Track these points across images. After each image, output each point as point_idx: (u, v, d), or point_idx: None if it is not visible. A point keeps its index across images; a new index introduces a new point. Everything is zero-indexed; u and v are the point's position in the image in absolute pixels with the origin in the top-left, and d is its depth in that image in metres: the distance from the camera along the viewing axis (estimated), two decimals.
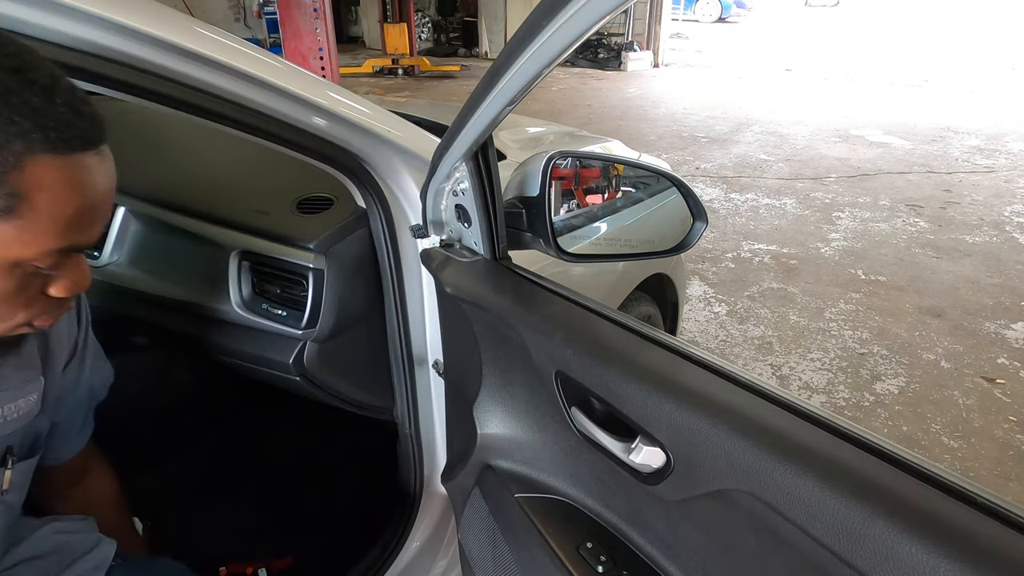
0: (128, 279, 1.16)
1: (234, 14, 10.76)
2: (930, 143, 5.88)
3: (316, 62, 6.21)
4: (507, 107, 0.64)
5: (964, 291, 3.15)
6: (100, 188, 0.57)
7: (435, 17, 11.86)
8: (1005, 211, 4.24)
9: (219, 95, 0.74)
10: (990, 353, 2.63)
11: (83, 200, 0.55)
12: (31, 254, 0.54)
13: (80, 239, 0.57)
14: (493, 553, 0.82)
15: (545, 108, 7.16)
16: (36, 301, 0.60)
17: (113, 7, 0.63)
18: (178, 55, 0.68)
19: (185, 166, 1.29)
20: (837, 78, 9.34)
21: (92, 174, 0.55)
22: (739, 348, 2.67)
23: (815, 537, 0.46)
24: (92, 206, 0.56)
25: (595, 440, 0.67)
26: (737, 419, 0.53)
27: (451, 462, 1.00)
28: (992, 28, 13.93)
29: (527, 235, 0.87)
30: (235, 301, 1.03)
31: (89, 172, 0.55)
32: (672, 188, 1.06)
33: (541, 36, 0.52)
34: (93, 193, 0.56)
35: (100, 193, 0.57)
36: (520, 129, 1.82)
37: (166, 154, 1.36)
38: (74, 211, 0.54)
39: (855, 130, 6.31)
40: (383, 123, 0.91)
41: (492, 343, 0.82)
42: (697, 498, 0.57)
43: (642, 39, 10.45)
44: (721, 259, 3.49)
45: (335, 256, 0.97)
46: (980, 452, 2.09)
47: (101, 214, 0.58)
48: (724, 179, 4.84)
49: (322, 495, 1.50)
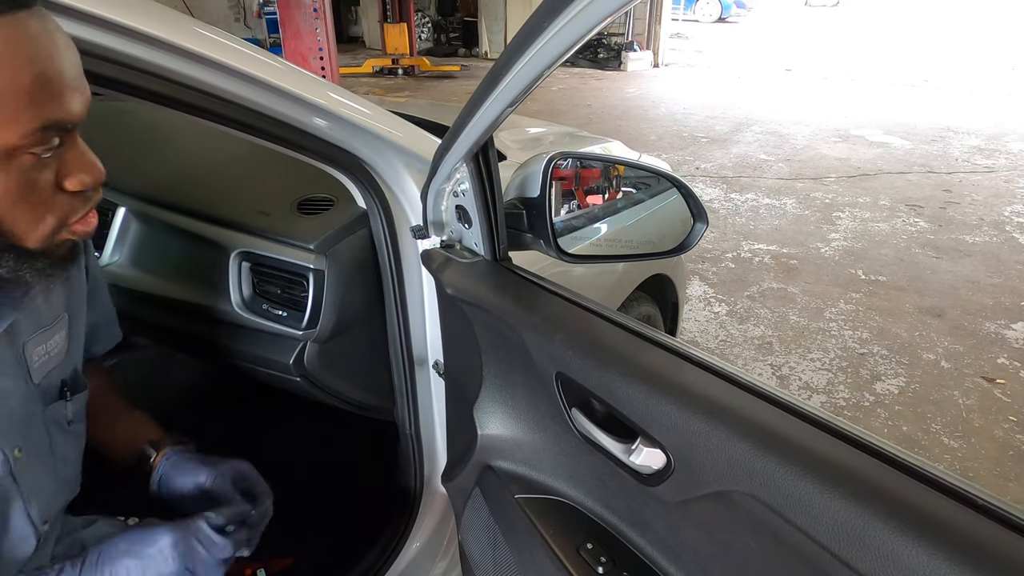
0: (128, 279, 1.16)
1: (234, 14, 10.76)
2: (930, 143, 5.88)
3: (316, 62, 6.21)
4: (508, 108, 0.64)
5: (964, 291, 3.15)
6: (51, 52, 0.52)
7: (435, 17, 11.86)
8: (1005, 211, 4.24)
9: (219, 95, 0.74)
10: (990, 353, 2.63)
11: (35, 66, 0.51)
12: (11, 138, 0.51)
13: (57, 112, 0.53)
14: (493, 554, 0.82)
15: (545, 108, 7.16)
16: (56, 199, 0.57)
17: (113, 7, 0.63)
18: (178, 55, 0.68)
19: (185, 166, 1.29)
20: (837, 78, 9.34)
21: (35, 37, 0.51)
22: (739, 348, 2.67)
23: (815, 539, 0.46)
24: (49, 73, 0.52)
25: (595, 441, 0.67)
26: (738, 420, 0.53)
27: (451, 463, 1.00)
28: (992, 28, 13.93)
29: (528, 236, 0.87)
30: (235, 301, 1.03)
31: (29, 34, 0.51)
32: (672, 189, 1.06)
33: (542, 38, 0.52)
34: (45, 58, 0.52)
35: (55, 58, 0.53)
36: (520, 129, 1.82)
37: (166, 154, 1.36)
38: (30, 79, 0.51)
39: (855, 130, 6.31)
40: (383, 124, 0.91)
41: (492, 344, 0.82)
42: (697, 499, 0.57)
43: (642, 39, 10.45)
44: (721, 259, 3.49)
45: (335, 257, 0.97)
46: (980, 452, 2.09)
47: (68, 83, 0.54)
48: (724, 179, 4.84)
49: (322, 495, 1.50)
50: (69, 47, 0.55)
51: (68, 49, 0.54)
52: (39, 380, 0.71)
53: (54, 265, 0.60)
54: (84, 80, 0.56)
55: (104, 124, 1.53)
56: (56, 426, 0.75)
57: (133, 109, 1.57)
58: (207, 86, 0.72)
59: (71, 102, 0.54)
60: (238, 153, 1.30)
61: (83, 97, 0.56)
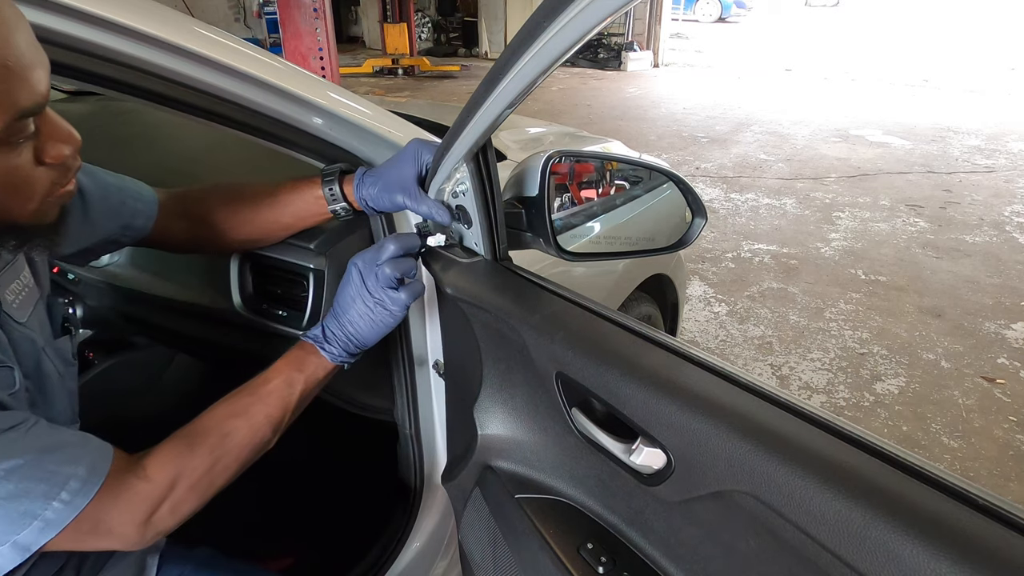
0: (128, 279, 1.16)
1: (234, 14, 10.76)
2: (930, 143, 5.88)
3: (316, 62, 6.20)
4: (507, 109, 0.64)
5: (964, 291, 3.15)
6: (7, 38, 0.49)
7: (435, 17, 11.87)
8: (1005, 211, 4.24)
9: (219, 95, 0.74)
10: (990, 353, 2.63)
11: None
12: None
13: (25, 100, 0.51)
14: (493, 554, 0.82)
15: (545, 108, 7.16)
16: (38, 174, 0.57)
17: (113, 7, 0.63)
18: (178, 55, 0.68)
19: (185, 166, 1.29)
20: (837, 78, 9.34)
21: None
22: (739, 348, 2.67)
23: (816, 539, 0.46)
24: (10, 63, 0.49)
25: (596, 441, 0.67)
26: (738, 420, 0.53)
27: (451, 462, 1.00)
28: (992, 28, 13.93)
29: (527, 235, 0.87)
30: (236, 301, 1.03)
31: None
32: (670, 183, 1.06)
33: (542, 38, 0.52)
34: (3, 48, 0.49)
35: (12, 44, 0.49)
36: (520, 130, 1.82)
37: (167, 154, 1.36)
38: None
39: (855, 130, 6.31)
40: (383, 123, 0.91)
41: (492, 344, 0.82)
42: (698, 499, 0.57)
43: (642, 39, 10.45)
44: (721, 259, 3.49)
45: (336, 256, 0.97)
46: (980, 452, 2.09)
47: (29, 64, 0.51)
48: (724, 179, 4.84)
49: (322, 495, 1.50)
50: (19, 21, 0.51)
51: (19, 26, 0.51)
52: (24, 319, 0.68)
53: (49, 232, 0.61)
54: (41, 51, 0.53)
55: (104, 124, 1.53)
56: (61, 361, 0.74)
57: (133, 109, 1.57)
58: (207, 86, 0.72)
59: (37, 83, 0.52)
60: (238, 153, 1.30)
61: (45, 71, 0.54)
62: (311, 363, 0.78)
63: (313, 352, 0.78)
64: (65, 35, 0.61)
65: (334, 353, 0.78)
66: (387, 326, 0.79)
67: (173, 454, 0.66)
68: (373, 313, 0.77)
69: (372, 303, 0.77)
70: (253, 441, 0.72)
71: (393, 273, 0.76)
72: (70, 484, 0.57)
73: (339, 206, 0.88)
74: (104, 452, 0.62)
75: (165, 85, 0.69)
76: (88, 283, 1.23)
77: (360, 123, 0.87)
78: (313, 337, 0.79)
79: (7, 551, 0.55)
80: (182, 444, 0.68)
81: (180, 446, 0.67)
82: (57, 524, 0.56)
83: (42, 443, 0.57)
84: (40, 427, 0.59)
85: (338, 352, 0.78)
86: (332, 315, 0.79)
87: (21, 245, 0.60)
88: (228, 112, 0.76)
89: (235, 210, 0.90)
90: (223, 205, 0.91)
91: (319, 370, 0.78)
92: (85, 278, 1.23)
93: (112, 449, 0.63)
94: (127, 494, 0.62)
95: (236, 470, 0.71)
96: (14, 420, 0.56)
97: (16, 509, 0.54)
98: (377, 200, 0.85)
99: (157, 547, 0.89)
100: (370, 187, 0.85)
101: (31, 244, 0.61)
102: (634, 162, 1.47)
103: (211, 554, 0.94)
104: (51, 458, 0.57)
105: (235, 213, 0.90)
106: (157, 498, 0.64)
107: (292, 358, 0.78)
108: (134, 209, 0.86)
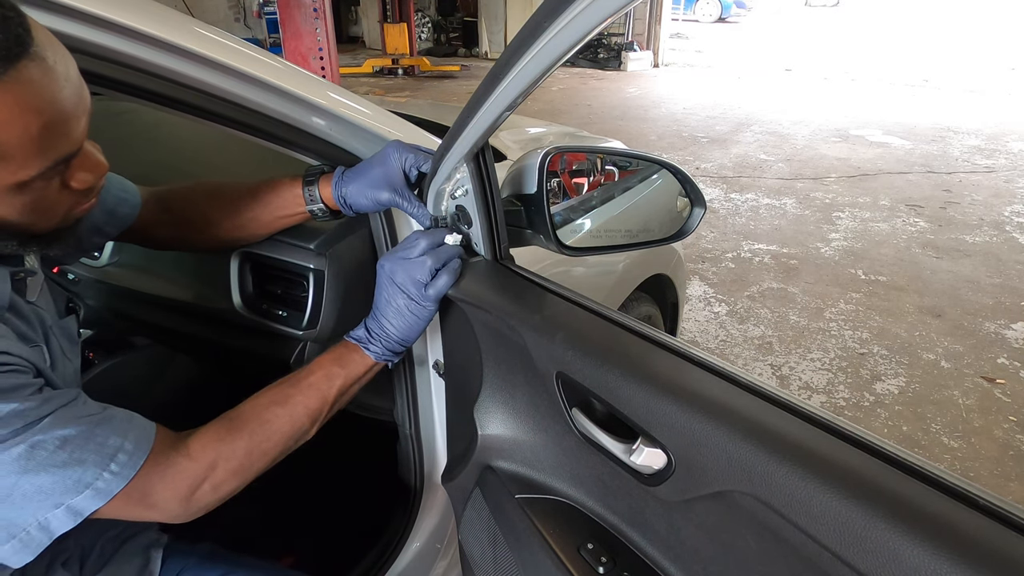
0: (128, 279, 1.16)
1: (234, 14, 10.76)
2: (930, 143, 5.88)
3: (316, 62, 6.20)
4: (507, 110, 0.64)
5: (964, 291, 3.15)
6: (55, 95, 0.51)
7: (435, 17, 11.86)
8: (1005, 211, 4.24)
9: (219, 95, 0.74)
10: (990, 353, 2.63)
11: (43, 117, 0.51)
12: (24, 177, 0.53)
13: (65, 149, 0.55)
14: (494, 554, 0.82)
15: (545, 108, 7.16)
16: (63, 196, 0.60)
17: (113, 7, 0.63)
18: (178, 55, 0.68)
19: (185, 166, 1.29)
20: (837, 78, 9.34)
21: (38, 86, 0.50)
22: (739, 348, 2.67)
23: (817, 539, 0.46)
24: (56, 117, 0.52)
25: (596, 441, 0.67)
26: (738, 421, 0.53)
27: (451, 462, 1.00)
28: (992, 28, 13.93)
29: (527, 232, 0.87)
30: (236, 301, 1.03)
31: (33, 85, 0.50)
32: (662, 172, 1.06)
33: (542, 38, 0.52)
34: (50, 104, 0.51)
35: (59, 100, 0.52)
36: (521, 130, 1.82)
37: (167, 154, 1.36)
38: (38, 129, 0.51)
39: (855, 130, 6.31)
40: (383, 123, 0.91)
41: (493, 344, 0.82)
42: (698, 499, 0.57)
43: (642, 39, 10.45)
44: (721, 259, 3.49)
45: (335, 256, 0.97)
46: (980, 452, 2.09)
47: (71, 116, 0.54)
48: (724, 179, 4.84)
49: (322, 495, 1.50)
50: (68, 74, 0.54)
51: (67, 79, 0.54)
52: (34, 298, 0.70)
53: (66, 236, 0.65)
54: (85, 95, 0.56)
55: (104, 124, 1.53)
56: (67, 339, 0.76)
57: (133, 109, 1.57)
58: (207, 86, 0.72)
59: (75, 131, 0.56)
60: (238, 153, 1.30)
61: (86, 116, 0.57)
62: (352, 360, 0.80)
63: (356, 350, 0.81)
64: (65, 36, 0.60)
65: (377, 352, 0.81)
66: (424, 319, 0.81)
67: (215, 436, 0.69)
68: (409, 309, 0.80)
69: (404, 300, 0.79)
70: (292, 430, 0.75)
71: (434, 264, 0.79)
72: (118, 456, 0.60)
73: (316, 207, 0.89)
74: (148, 428, 0.65)
75: (165, 85, 0.69)
76: (88, 283, 1.23)
77: (360, 123, 0.87)
78: (356, 337, 0.82)
79: (62, 514, 0.58)
80: (224, 427, 0.71)
81: (222, 429, 0.71)
82: (107, 493, 0.59)
83: (94, 417, 0.61)
84: (90, 403, 0.63)
85: (380, 351, 0.81)
86: (372, 316, 0.82)
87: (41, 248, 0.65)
88: (228, 112, 0.76)
89: (216, 207, 0.92)
90: (204, 202, 0.92)
91: (359, 367, 0.80)
92: (85, 278, 1.22)
93: (155, 426, 0.66)
94: (171, 470, 0.65)
95: (275, 456, 0.74)
96: (69, 396, 0.60)
97: (71, 476, 0.58)
98: (355, 197, 0.86)
99: (160, 542, 0.91)
100: (349, 184, 0.86)
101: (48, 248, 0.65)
102: (629, 154, 1.47)
103: (213, 549, 0.95)
104: (101, 430, 0.60)
105: (216, 210, 0.91)
106: (199, 476, 0.66)
107: (335, 354, 0.81)
108: (118, 197, 0.88)
